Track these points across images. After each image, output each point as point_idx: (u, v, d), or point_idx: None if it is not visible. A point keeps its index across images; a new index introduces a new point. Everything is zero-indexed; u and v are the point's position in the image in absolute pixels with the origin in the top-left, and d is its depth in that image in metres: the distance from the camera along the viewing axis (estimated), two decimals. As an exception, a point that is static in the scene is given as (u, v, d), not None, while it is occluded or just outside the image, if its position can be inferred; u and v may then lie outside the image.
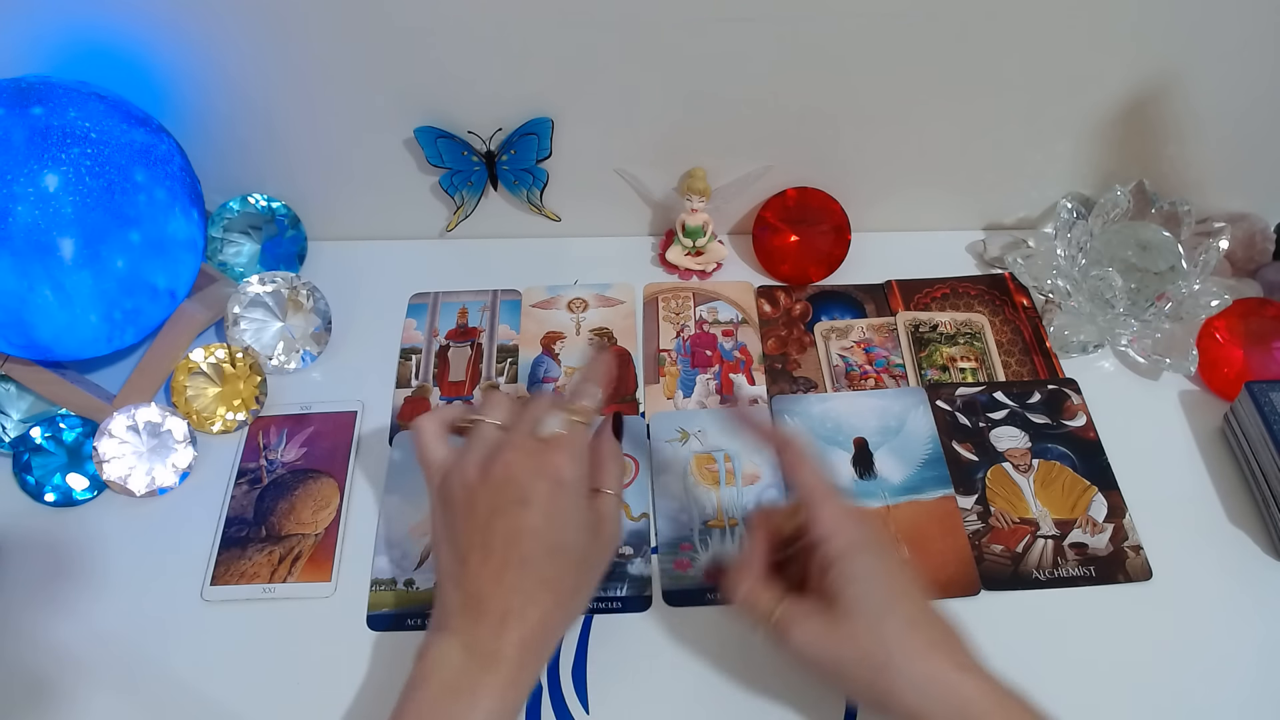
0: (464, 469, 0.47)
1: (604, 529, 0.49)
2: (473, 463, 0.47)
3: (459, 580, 0.46)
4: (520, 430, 0.48)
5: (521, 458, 0.46)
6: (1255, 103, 0.65)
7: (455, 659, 0.44)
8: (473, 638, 0.44)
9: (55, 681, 0.52)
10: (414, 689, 0.44)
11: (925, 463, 0.61)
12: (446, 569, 0.47)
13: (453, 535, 0.47)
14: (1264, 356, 0.63)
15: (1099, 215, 0.67)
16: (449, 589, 0.46)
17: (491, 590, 0.45)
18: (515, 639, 0.44)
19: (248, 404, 0.63)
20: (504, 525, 0.45)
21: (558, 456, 0.47)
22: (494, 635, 0.44)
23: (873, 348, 0.68)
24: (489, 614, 0.44)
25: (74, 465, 0.60)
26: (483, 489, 0.46)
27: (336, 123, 0.66)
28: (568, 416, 0.48)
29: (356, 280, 0.71)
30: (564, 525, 0.46)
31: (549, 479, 0.46)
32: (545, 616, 0.45)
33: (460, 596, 0.45)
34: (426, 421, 0.51)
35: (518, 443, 0.47)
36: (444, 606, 0.46)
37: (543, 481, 0.46)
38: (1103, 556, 0.56)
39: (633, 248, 0.74)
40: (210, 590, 0.56)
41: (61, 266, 0.53)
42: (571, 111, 0.65)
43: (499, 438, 0.48)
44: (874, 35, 0.60)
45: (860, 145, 0.68)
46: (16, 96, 0.53)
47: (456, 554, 0.46)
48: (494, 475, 0.46)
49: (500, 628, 0.44)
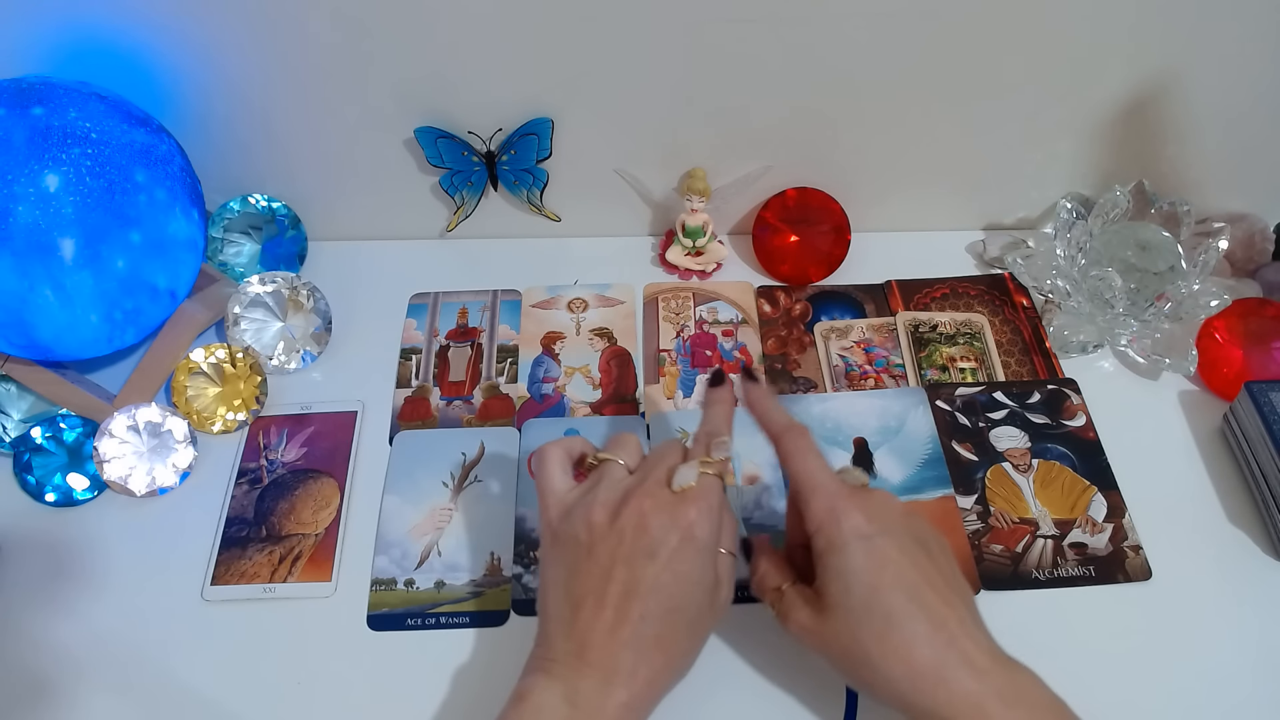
0: (590, 508, 0.45)
1: (721, 591, 0.46)
2: (601, 503, 0.45)
3: (569, 626, 0.43)
4: (654, 478, 0.46)
5: (654, 507, 0.44)
6: (1255, 103, 0.65)
7: (556, 709, 0.41)
8: (575, 690, 0.42)
9: (55, 681, 0.52)
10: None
11: (925, 463, 0.61)
12: (555, 611, 0.45)
13: (567, 577, 0.45)
14: (1263, 356, 0.63)
15: (1099, 215, 0.67)
16: (556, 633, 0.44)
17: (604, 643, 0.42)
18: (621, 699, 0.42)
19: (248, 404, 0.63)
20: (626, 576, 0.43)
21: (692, 511, 0.44)
22: (599, 692, 0.42)
23: (873, 348, 0.68)
24: (597, 668, 0.42)
25: (74, 465, 0.60)
26: (610, 534, 0.44)
27: (336, 123, 0.66)
28: (703, 469, 0.46)
29: (356, 280, 0.72)
30: (688, 584, 0.44)
31: (681, 533, 0.44)
32: (654, 678, 0.43)
33: (569, 644, 0.43)
34: (552, 450, 0.49)
35: (652, 490, 0.45)
36: (549, 649, 0.44)
37: (675, 535, 0.43)
38: (1102, 556, 0.56)
39: (633, 248, 0.74)
40: (210, 590, 0.56)
41: (62, 267, 0.53)
42: (571, 111, 0.65)
43: (629, 482, 0.46)
44: (874, 35, 0.60)
45: (860, 145, 0.68)
46: (17, 96, 0.53)
47: (570, 598, 0.44)
48: (623, 521, 0.44)
49: (607, 685, 0.42)
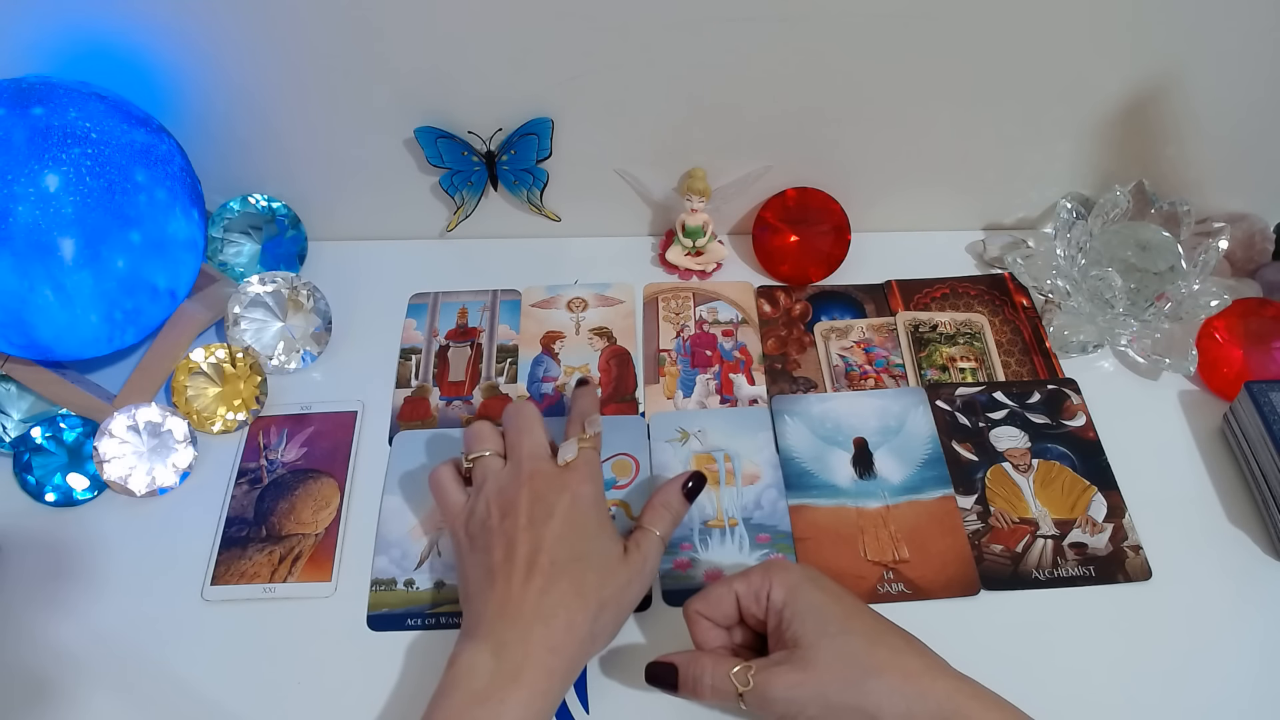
0: (489, 501, 0.50)
1: (636, 557, 0.50)
2: (496, 492, 0.50)
3: (489, 594, 0.47)
4: (529, 457, 0.51)
5: (545, 481, 0.50)
6: (1255, 103, 0.65)
7: (484, 666, 0.44)
8: (500, 644, 0.44)
9: (55, 681, 0.52)
10: (442, 696, 0.44)
11: (925, 463, 0.61)
12: (475, 590, 0.48)
13: (484, 560, 0.48)
14: (1263, 356, 0.63)
15: (1099, 215, 0.67)
16: (478, 605, 0.47)
17: (520, 596, 0.46)
18: (543, 640, 0.45)
19: (248, 404, 0.63)
20: (530, 537, 0.48)
21: (575, 477, 0.50)
22: (522, 639, 0.45)
23: (873, 348, 0.68)
24: (517, 619, 0.45)
25: (74, 465, 0.60)
26: (510, 514, 0.49)
27: (336, 123, 0.66)
28: (581, 445, 0.52)
29: (356, 280, 0.71)
30: (587, 533, 0.49)
31: (571, 494, 0.49)
32: (572, 622, 0.46)
33: (489, 608, 0.46)
34: (440, 470, 0.54)
35: (539, 469, 0.51)
36: (474, 615, 0.47)
37: (566, 496, 0.49)
38: (1102, 556, 0.56)
39: (633, 248, 0.74)
40: (210, 590, 0.56)
41: (62, 267, 0.53)
42: (571, 111, 0.65)
43: (509, 469, 0.51)
44: (874, 35, 0.60)
45: (860, 145, 0.68)
46: (17, 96, 0.53)
47: (488, 574, 0.48)
48: (520, 499, 0.49)
49: (528, 631, 0.45)
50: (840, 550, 0.57)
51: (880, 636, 0.45)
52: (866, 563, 0.56)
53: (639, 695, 0.51)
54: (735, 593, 0.47)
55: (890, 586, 0.55)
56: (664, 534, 0.52)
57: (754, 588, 0.47)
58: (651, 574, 0.51)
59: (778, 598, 0.46)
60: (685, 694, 0.47)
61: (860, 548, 0.57)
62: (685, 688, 0.47)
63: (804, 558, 0.57)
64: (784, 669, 0.44)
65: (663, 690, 0.48)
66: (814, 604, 0.45)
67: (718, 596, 0.48)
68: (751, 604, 0.47)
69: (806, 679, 0.43)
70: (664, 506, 0.52)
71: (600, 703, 0.51)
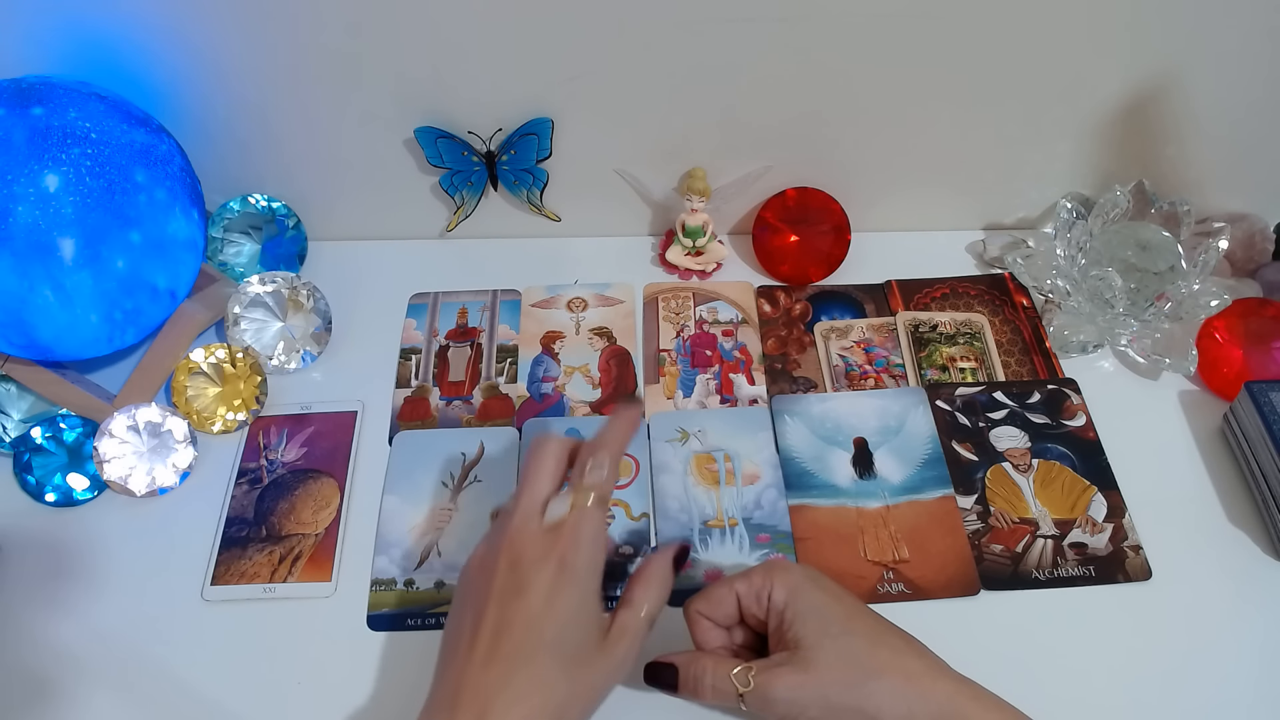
0: (471, 556, 0.46)
1: (617, 645, 0.45)
2: (483, 548, 0.46)
3: (446, 670, 0.43)
4: (523, 509, 0.45)
5: (526, 542, 0.44)
6: (1255, 103, 0.65)
7: None
8: None
9: (55, 681, 0.52)
10: None
11: (925, 463, 0.61)
12: (444, 656, 0.45)
13: (455, 624, 0.45)
14: (1263, 356, 0.63)
15: (1099, 215, 0.67)
16: (442, 671, 0.44)
17: (476, 683, 0.41)
18: None
19: (248, 404, 0.63)
20: (497, 614, 0.43)
21: (563, 544, 0.44)
22: None
23: (873, 348, 0.68)
24: (469, 710, 0.40)
25: (74, 465, 0.60)
26: (481, 575, 0.44)
27: (336, 123, 0.66)
28: (574, 500, 0.45)
29: (356, 280, 0.72)
30: (563, 619, 0.43)
31: (554, 566, 0.43)
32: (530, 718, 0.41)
33: (445, 689, 0.42)
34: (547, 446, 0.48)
35: (523, 526, 0.45)
36: (438, 685, 0.44)
37: (547, 569, 0.43)
38: (1102, 556, 0.56)
39: (633, 248, 0.74)
40: (210, 590, 0.56)
41: (62, 267, 0.53)
42: (571, 111, 0.65)
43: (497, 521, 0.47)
44: (874, 35, 0.60)
45: (860, 145, 0.68)
46: (17, 97, 0.53)
47: (449, 644, 0.44)
48: (498, 561, 0.44)
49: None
50: (840, 550, 0.57)
51: (881, 638, 0.44)
52: (866, 563, 0.56)
53: (639, 695, 0.51)
54: (736, 593, 0.47)
55: (890, 586, 0.55)
56: (651, 613, 0.47)
57: (755, 588, 0.47)
58: (630, 666, 0.45)
59: (779, 598, 0.46)
60: (685, 694, 0.47)
61: (860, 548, 0.57)
62: (685, 688, 0.46)
63: (804, 558, 0.57)
64: (785, 670, 0.44)
65: (663, 690, 0.47)
66: (815, 605, 0.45)
67: (718, 596, 0.48)
68: (752, 604, 0.47)
69: (808, 680, 0.43)
70: (654, 581, 0.47)
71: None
